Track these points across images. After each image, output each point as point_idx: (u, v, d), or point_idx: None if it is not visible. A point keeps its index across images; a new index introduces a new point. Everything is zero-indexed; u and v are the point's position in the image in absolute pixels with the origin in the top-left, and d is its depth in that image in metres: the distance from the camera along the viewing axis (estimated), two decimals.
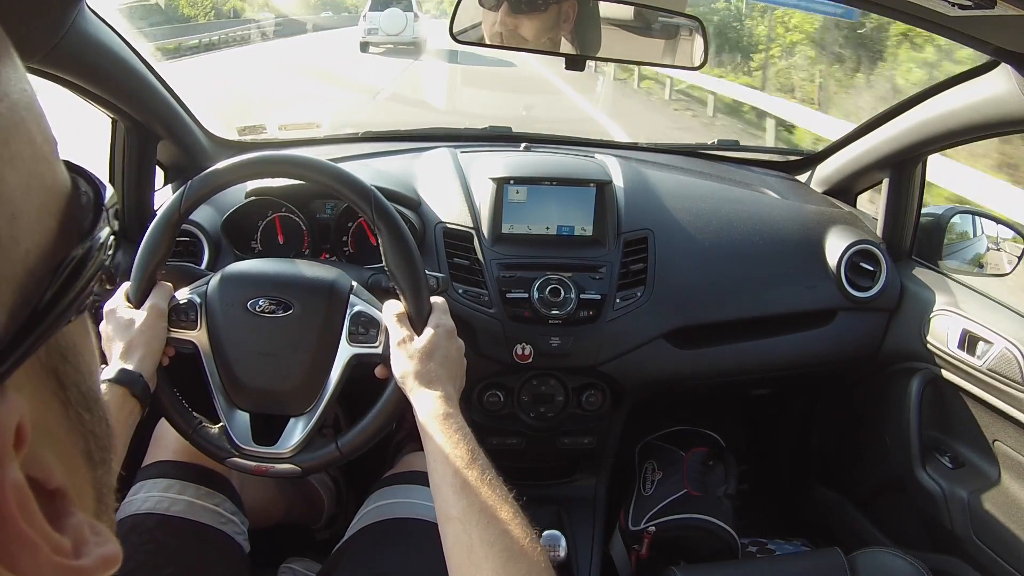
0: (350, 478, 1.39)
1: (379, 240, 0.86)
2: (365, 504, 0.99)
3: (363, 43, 14.04)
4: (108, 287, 0.87)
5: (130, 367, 0.80)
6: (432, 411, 0.73)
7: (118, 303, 0.86)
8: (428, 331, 0.81)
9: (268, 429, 0.88)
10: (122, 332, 0.83)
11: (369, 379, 0.89)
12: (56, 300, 0.23)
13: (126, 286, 0.88)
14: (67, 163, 0.27)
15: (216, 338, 0.87)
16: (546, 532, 1.12)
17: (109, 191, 0.29)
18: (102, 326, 0.85)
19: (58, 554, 0.23)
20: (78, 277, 0.24)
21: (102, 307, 0.87)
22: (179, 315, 0.87)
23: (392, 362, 0.81)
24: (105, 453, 0.27)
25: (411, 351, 0.79)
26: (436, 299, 0.86)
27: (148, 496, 0.90)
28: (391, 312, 0.83)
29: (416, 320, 0.84)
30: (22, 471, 0.21)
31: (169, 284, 0.89)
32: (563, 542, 1.11)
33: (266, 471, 0.87)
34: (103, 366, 0.85)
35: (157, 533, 0.86)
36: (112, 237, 0.28)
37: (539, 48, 1.03)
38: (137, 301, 0.86)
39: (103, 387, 0.77)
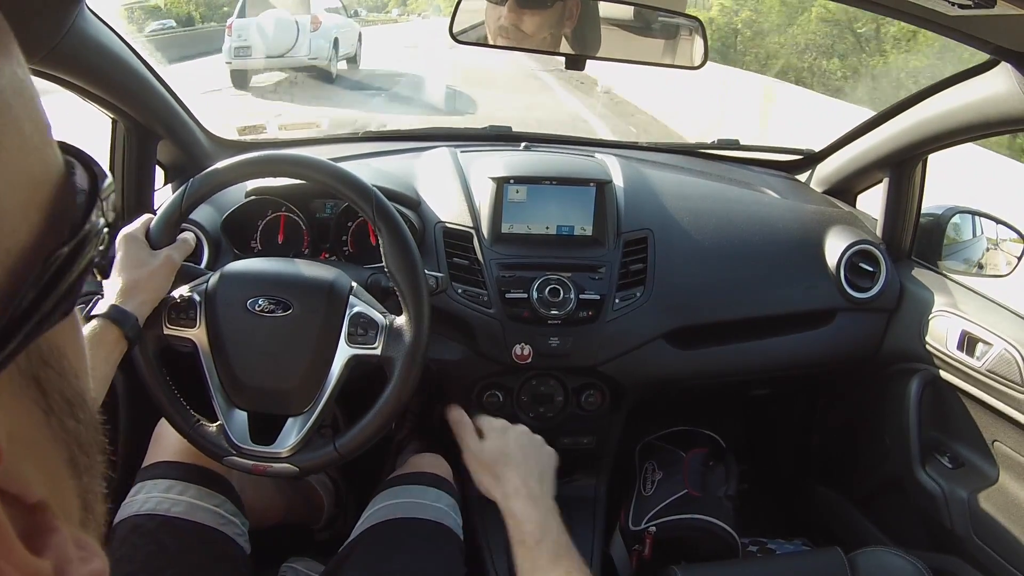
0: (350, 479, 1.39)
1: (379, 240, 0.86)
2: (371, 504, 0.99)
3: (233, 72, 8.40)
4: (101, 279, 0.87)
5: (128, 308, 0.80)
6: (522, 532, 0.75)
7: (137, 235, 0.85)
8: (492, 440, 0.84)
9: (266, 428, 0.88)
10: (131, 268, 0.82)
11: (367, 380, 0.89)
12: (38, 303, 0.21)
13: (148, 218, 0.88)
14: (63, 145, 0.24)
15: (215, 337, 0.87)
16: None
17: (107, 179, 0.26)
18: (113, 249, 0.85)
19: None
20: (64, 276, 0.22)
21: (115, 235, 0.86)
22: (178, 313, 0.87)
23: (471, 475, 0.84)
24: (92, 458, 0.25)
25: (480, 463, 0.82)
26: (500, 423, 0.88)
27: (148, 497, 0.90)
28: (456, 419, 0.86)
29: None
30: None
31: (191, 239, 0.90)
32: None
33: (264, 470, 0.87)
34: (98, 296, 0.83)
35: (158, 534, 0.86)
36: (106, 229, 0.26)
37: (540, 47, 1.03)
38: (155, 243, 0.86)
39: (96, 323, 0.77)
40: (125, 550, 0.85)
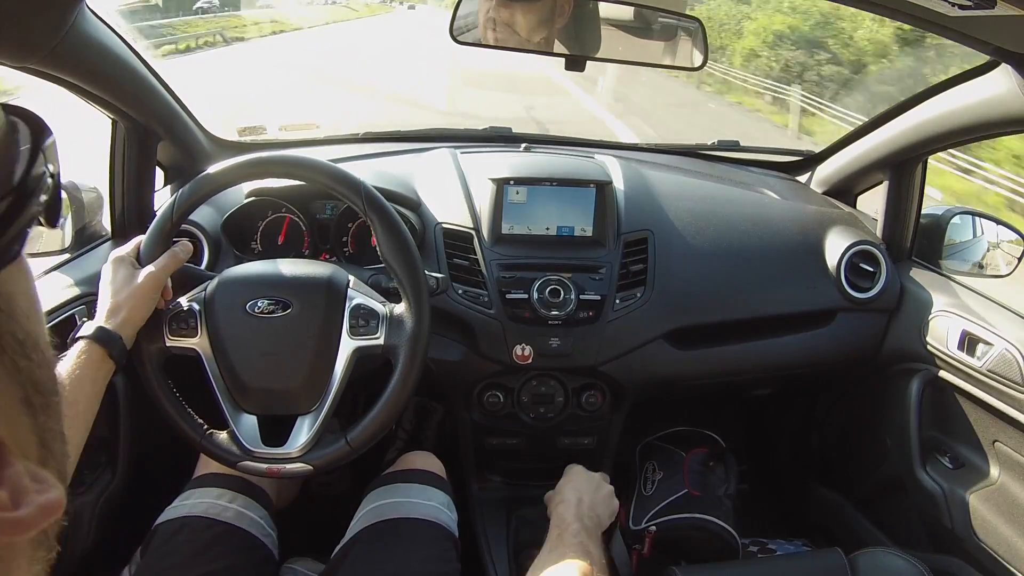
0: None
1: (373, 232, 0.86)
2: (364, 503, 1.00)
3: None
4: (52, 228, 0.88)
5: (110, 327, 0.81)
6: (560, 521, 0.89)
7: (126, 256, 0.87)
8: (560, 481, 1.00)
9: (276, 430, 0.88)
10: (115, 287, 0.84)
11: (371, 377, 0.89)
12: None
13: (141, 238, 0.89)
14: (7, 107, 0.26)
15: (218, 343, 0.87)
16: None
17: (51, 136, 0.29)
18: (104, 269, 0.87)
19: None
20: (8, 226, 0.23)
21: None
22: (179, 323, 0.87)
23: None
24: (48, 398, 0.27)
25: (549, 497, 0.99)
26: (576, 468, 1.03)
27: (199, 501, 0.94)
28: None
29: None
30: None
31: (180, 251, 0.90)
32: None
33: (278, 472, 0.87)
34: (84, 320, 0.85)
35: (206, 535, 0.89)
36: (51, 179, 0.27)
37: (536, 47, 1.03)
38: (145, 261, 0.87)
39: (82, 344, 0.79)
40: (170, 544, 0.88)
